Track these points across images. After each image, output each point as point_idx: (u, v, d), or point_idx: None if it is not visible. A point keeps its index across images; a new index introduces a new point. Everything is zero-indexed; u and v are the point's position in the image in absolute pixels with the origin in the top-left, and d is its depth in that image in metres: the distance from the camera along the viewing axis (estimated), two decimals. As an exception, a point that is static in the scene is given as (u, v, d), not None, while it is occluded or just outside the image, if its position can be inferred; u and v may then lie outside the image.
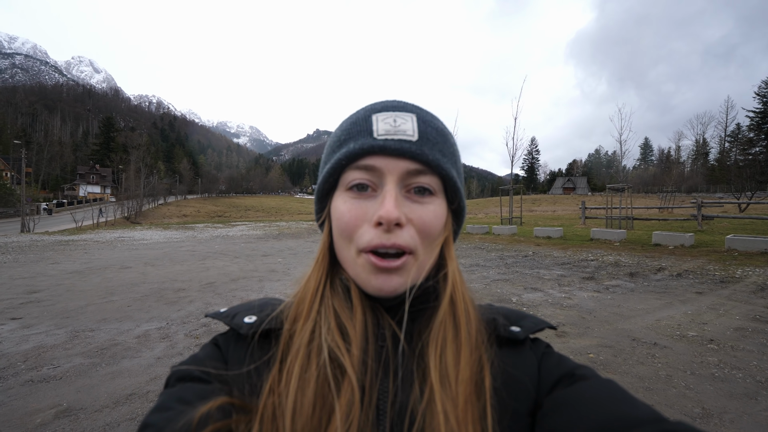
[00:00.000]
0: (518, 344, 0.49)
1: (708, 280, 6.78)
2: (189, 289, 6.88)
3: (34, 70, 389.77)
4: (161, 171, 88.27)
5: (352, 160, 0.46)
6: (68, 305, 5.79)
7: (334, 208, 0.48)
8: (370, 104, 0.50)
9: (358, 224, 0.45)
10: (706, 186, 67.09)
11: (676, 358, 3.59)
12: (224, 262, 10.11)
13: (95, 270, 9.03)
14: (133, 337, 4.41)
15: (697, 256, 9.08)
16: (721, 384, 3.08)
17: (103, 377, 3.38)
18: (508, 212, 19.23)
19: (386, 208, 0.43)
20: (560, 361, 0.47)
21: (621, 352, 3.76)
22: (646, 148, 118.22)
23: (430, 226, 0.46)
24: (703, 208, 14.11)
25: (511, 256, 10.31)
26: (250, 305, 0.52)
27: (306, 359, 0.43)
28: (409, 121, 0.47)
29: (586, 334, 4.29)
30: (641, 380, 3.19)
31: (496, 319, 0.50)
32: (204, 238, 18.18)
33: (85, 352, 3.95)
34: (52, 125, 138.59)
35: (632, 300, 5.66)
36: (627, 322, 4.64)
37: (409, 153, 0.45)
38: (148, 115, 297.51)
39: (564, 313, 5.05)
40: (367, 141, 0.45)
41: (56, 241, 17.20)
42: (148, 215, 48.43)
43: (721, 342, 3.96)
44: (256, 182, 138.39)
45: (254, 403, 0.42)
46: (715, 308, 5.15)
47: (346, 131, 0.48)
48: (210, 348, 0.49)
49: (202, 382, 0.43)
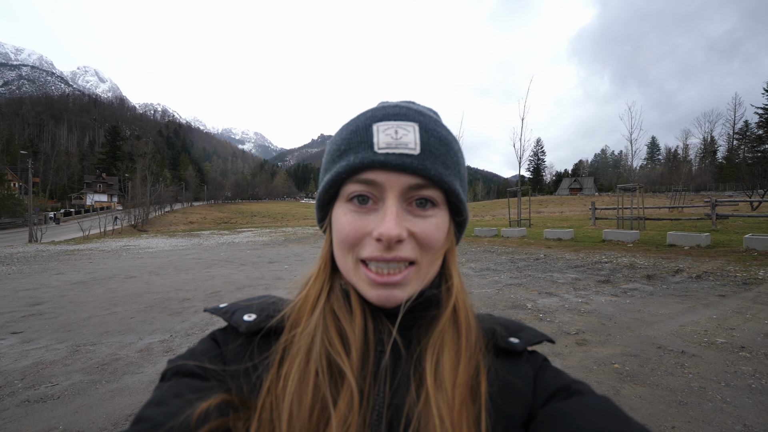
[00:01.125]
0: (516, 355, 0.49)
1: (730, 282, 6.52)
2: (194, 298, 6.74)
3: (40, 80, 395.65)
4: (167, 178, 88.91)
5: (353, 173, 0.45)
6: (70, 318, 5.67)
7: (335, 218, 0.48)
8: (371, 109, 0.49)
9: (359, 237, 0.45)
10: (715, 184, 66.26)
11: (707, 368, 3.38)
12: (230, 270, 9.98)
13: (99, 280, 8.92)
14: (136, 350, 4.26)
15: (715, 257, 8.80)
16: (761, 396, 2.87)
17: (103, 396, 3.22)
18: (516, 214, 18.97)
19: (387, 226, 0.42)
20: (557, 375, 0.47)
21: (647, 361, 3.55)
22: (653, 147, 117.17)
23: (431, 238, 0.45)
24: (717, 206, 13.79)
25: (522, 259, 10.08)
26: (249, 303, 0.52)
27: (305, 363, 0.43)
28: (411, 132, 0.45)
29: (608, 341, 4.07)
30: (673, 393, 2.97)
31: (495, 329, 0.49)
32: (209, 246, 18.10)
33: (85, 368, 3.80)
34: (58, 135, 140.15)
35: (653, 304, 5.43)
36: (650, 329, 4.42)
37: (410, 168, 0.44)
38: (154, 123, 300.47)
39: (583, 320, 4.84)
40: (368, 155, 0.44)
41: (61, 251, 17.19)
42: (155, 223, 48.69)
43: (753, 349, 3.74)
44: (261, 188, 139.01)
45: (253, 401, 0.42)
46: (741, 312, 4.91)
47: (347, 141, 0.47)
48: (208, 343, 0.49)
49: (198, 378, 0.43)
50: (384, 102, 0.52)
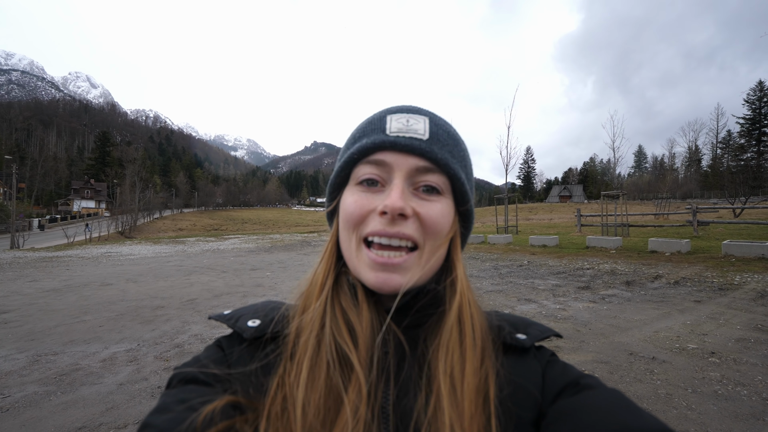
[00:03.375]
0: (523, 352, 0.48)
1: (706, 288, 6.56)
2: (168, 306, 6.58)
3: (30, 86, 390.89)
4: (157, 185, 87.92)
5: (364, 154, 0.47)
6: (36, 326, 5.49)
7: (343, 200, 0.49)
8: (386, 107, 0.52)
9: (364, 214, 0.46)
10: (701, 192, 67.47)
11: (676, 374, 3.36)
12: (210, 277, 9.80)
13: (74, 287, 8.69)
14: (99, 360, 4.12)
15: (694, 263, 8.87)
16: (725, 403, 2.85)
17: (55, 408, 3.09)
18: (504, 221, 19.03)
19: (392, 198, 0.44)
20: (565, 370, 0.46)
21: (618, 368, 3.52)
22: (640, 155, 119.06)
23: (435, 222, 0.46)
24: (699, 213, 13.98)
25: (505, 266, 10.07)
26: (253, 308, 0.52)
27: (315, 352, 0.43)
28: (422, 122, 0.48)
29: (581, 348, 4.04)
30: (639, 400, 2.94)
31: (502, 326, 0.49)
32: (193, 252, 17.82)
33: (42, 379, 3.65)
34: (47, 140, 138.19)
35: (629, 310, 5.42)
36: (624, 335, 4.40)
37: (418, 150, 0.46)
38: (145, 130, 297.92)
39: (558, 326, 4.80)
40: (379, 137, 0.47)
41: (39, 258, 16.80)
42: (143, 229, 47.97)
43: (722, 355, 3.73)
44: (253, 195, 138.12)
45: (260, 402, 0.42)
46: (714, 318, 4.92)
47: (362, 130, 0.50)
48: (213, 350, 0.49)
49: (204, 384, 0.43)
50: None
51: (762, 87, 60.76)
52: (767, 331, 4.34)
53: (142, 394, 3.30)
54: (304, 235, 31.82)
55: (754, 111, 60.60)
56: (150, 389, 3.40)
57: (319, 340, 0.44)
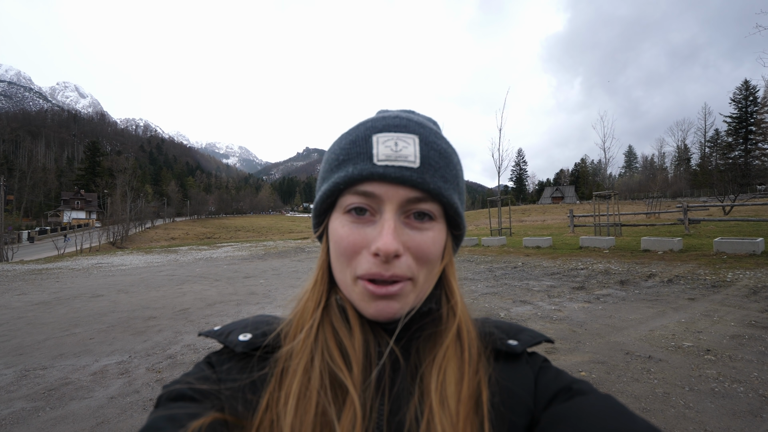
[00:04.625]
0: (515, 358, 0.48)
1: (699, 285, 6.61)
2: (160, 317, 6.47)
3: (17, 96, 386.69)
4: (149, 194, 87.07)
5: (351, 185, 0.45)
6: (24, 340, 5.36)
7: (333, 229, 0.47)
8: (370, 119, 0.48)
9: (357, 250, 0.44)
10: (690, 190, 68.35)
11: (673, 373, 3.36)
12: (203, 286, 9.68)
13: (63, 300, 8.53)
14: (89, 374, 4.03)
15: (686, 261, 8.95)
16: (723, 400, 2.85)
17: (44, 424, 3.01)
18: (498, 223, 19.10)
19: (384, 241, 0.42)
20: (557, 376, 0.46)
21: (614, 368, 3.51)
22: (630, 155, 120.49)
23: (428, 253, 0.45)
24: (689, 211, 14.14)
25: (500, 268, 10.08)
26: (244, 323, 0.52)
27: (306, 379, 0.43)
28: (411, 144, 0.45)
29: (577, 349, 4.03)
30: (637, 400, 2.93)
31: (493, 333, 0.49)
32: (186, 261, 17.61)
33: (30, 395, 3.56)
34: (35, 152, 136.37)
35: (624, 309, 5.44)
36: (619, 334, 4.40)
37: (409, 181, 0.44)
38: (136, 139, 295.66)
39: (554, 327, 4.80)
40: (367, 167, 0.44)
41: (28, 270, 16.51)
42: (135, 239, 47.45)
43: (718, 352, 3.74)
44: (246, 202, 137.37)
45: (248, 419, 0.42)
46: (709, 315, 4.95)
47: (345, 151, 0.46)
48: (202, 365, 0.48)
49: (192, 400, 0.42)
50: (383, 111, 0.52)
51: (748, 86, 61.88)
52: (761, 327, 4.37)
53: (133, 407, 3.23)
54: (297, 241, 31.62)
55: (740, 110, 61.70)
56: (142, 402, 3.32)
57: (310, 368, 0.43)
